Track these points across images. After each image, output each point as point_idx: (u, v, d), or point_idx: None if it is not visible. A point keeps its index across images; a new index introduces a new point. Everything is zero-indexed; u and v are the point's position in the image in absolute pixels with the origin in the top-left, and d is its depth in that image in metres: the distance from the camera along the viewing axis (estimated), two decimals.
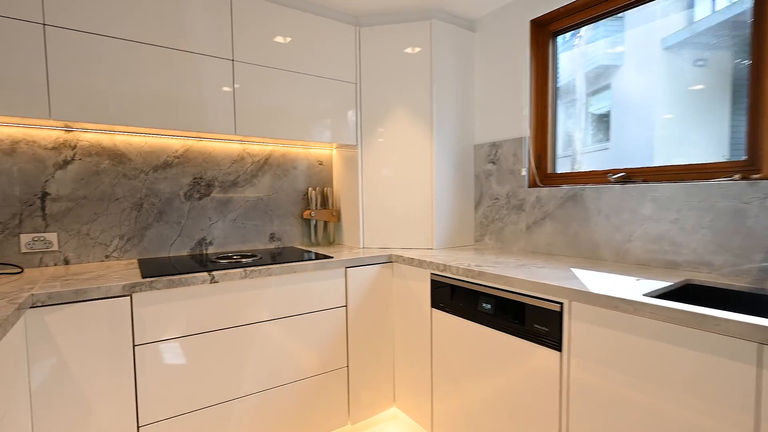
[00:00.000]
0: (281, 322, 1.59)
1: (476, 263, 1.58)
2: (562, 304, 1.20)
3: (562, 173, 1.86)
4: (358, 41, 2.04)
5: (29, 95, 1.32)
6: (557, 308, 1.21)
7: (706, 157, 1.49)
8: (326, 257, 1.74)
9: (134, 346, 1.31)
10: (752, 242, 1.25)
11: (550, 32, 1.88)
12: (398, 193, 2.05)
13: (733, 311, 1.05)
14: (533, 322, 1.28)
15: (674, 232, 1.41)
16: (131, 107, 1.49)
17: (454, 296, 1.57)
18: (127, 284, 1.28)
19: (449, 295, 1.59)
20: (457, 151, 2.10)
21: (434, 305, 1.66)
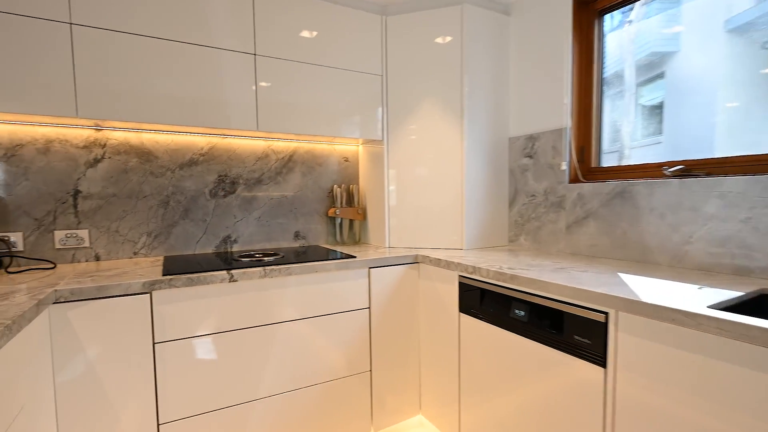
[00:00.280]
0: (302, 323, 1.54)
1: (509, 265, 1.45)
2: (607, 314, 1.05)
3: (608, 167, 1.68)
4: (384, 31, 1.95)
5: (57, 94, 1.34)
6: (601, 318, 1.06)
7: None
8: (349, 257, 1.67)
9: (154, 343, 1.30)
10: None
11: (595, 11, 1.70)
12: (426, 189, 1.94)
13: None
14: (573, 332, 1.14)
15: (745, 233, 1.22)
16: (153, 104, 1.48)
17: (484, 301, 1.45)
18: (147, 282, 1.27)
19: (479, 299, 1.47)
20: (489, 144, 1.96)
21: (462, 310, 1.55)
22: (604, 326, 1.06)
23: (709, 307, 0.92)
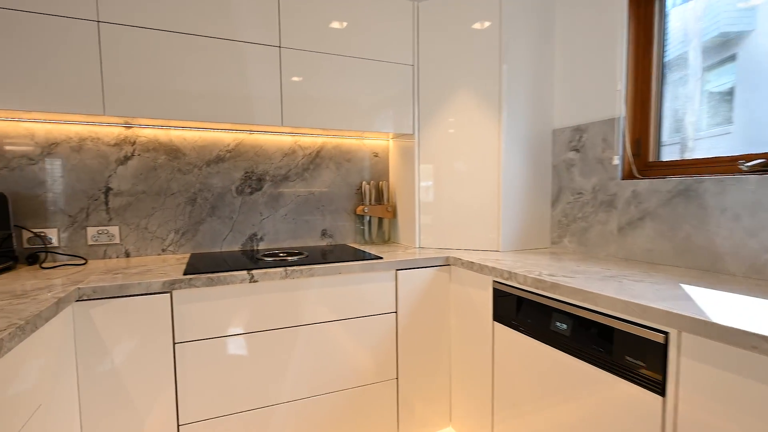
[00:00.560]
0: (325, 326, 1.47)
1: (549, 272, 1.30)
2: (667, 334, 0.89)
3: (668, 161, 1.48)
4: (416, 18, 1.84)
5: (84, 92, 1.35)
6: (660, 339, 0.91)
7: None
8: (375, 258, 1.58)
9: (174, 343, 1.28)
10: None
11: None
12: (460, 186, 1.81)
13: None
14: (624, 352, 0.99)
15: None
16: (177, 100, 1.47)
17: (521, 310, 1.31)
18: (167, 281, 1.25)
19: (515, 307, 1.33)
20: (530, 138, 1.79)
21: (497, 318, 1.42)
22: (663, 348, 0.90)
23: None
